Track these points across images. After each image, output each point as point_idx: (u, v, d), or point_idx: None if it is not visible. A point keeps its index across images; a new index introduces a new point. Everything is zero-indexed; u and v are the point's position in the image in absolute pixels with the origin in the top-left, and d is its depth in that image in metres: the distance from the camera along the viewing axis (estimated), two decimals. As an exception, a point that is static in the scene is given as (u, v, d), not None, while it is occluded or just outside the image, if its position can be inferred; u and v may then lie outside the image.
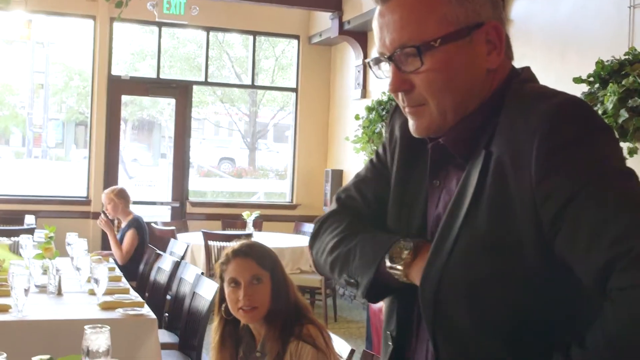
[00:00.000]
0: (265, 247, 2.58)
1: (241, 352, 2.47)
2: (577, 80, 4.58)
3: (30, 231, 6.03)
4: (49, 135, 17.66)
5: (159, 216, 8.44)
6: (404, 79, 1.28)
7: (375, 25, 1.32)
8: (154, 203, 9.04)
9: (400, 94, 1.30)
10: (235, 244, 2.56)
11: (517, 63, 1.36)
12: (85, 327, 2.28)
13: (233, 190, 13.10)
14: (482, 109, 1.28)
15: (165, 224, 7.70)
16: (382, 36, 1.30)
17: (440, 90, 1.27)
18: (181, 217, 8.57)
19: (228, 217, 8.33)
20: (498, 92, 1.29)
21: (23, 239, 5.07)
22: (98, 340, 2.32)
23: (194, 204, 8.82)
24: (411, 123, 1.33)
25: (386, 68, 1.32)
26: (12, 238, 5.79)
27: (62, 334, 3.38)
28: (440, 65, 1.25)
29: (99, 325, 2.34)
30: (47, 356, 2.15)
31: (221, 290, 2.59)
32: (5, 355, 2.14)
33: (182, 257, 5.56)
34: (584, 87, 4.57)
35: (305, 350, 2.31)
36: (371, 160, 1.54)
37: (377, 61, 1.33)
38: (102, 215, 6.19)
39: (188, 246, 6.16)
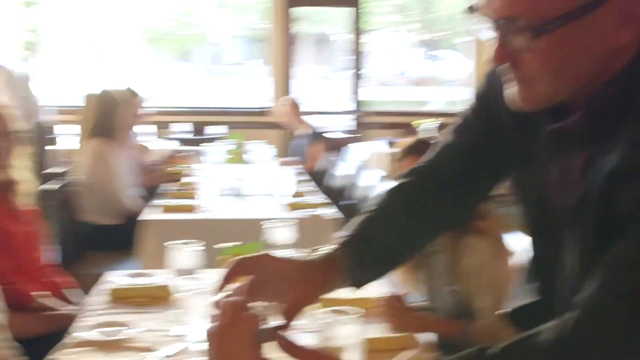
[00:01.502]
0: None
1: None
2: None
3: (219, 139, 6.30)
4: (230, 52, 18.25)
5: (337, 126, 8.54)
6: (510, 52, 1.08)
7: None
8: (332, 113, 9.15)
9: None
10: (408, 141, 2.53)
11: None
12: (269, 220, 2.36)
13: (411, 100, 12.99)
14: (615, 87, 1.08)
15: (342, 132, 7.78)
16: None
17: (554, 73, 1.07)
18: (359, 126, 8.62)
19: (407, 126, 8.26)
20: (633, 66, 1.07)
21: (213, 146, 5.31)
22: (282, 233, 2.39)
23: (371, 114, 8.83)
24: (514, 91, 1.13)
25: (487, 28, 1.11)
26: (201, 146, 6.10)
27: (248, 232, 3.51)
28: (556, 48, 1.04)
29: (284, 218, 2.41)
30: (234, 243, 2.25)
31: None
32: (204, 243, 2.27)
33: (362, 165, 5.61)
34: None
35: (481, 243, 2.26)
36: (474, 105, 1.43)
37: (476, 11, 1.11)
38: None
39: (367, 154, 6.20)
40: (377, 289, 2.33)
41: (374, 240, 1.36)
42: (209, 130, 7.18)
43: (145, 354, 1.95)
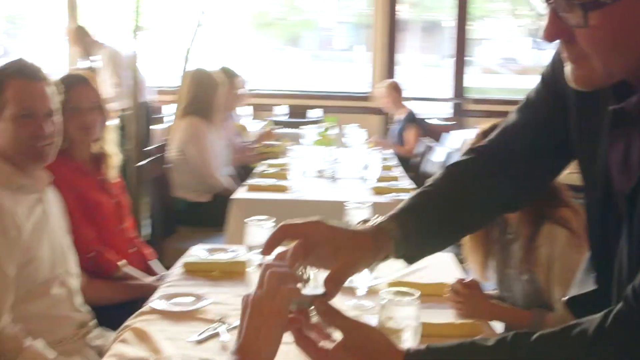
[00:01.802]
0: None
1: (494, 234, 2.40)
2: None
3: (315, 122, 6.35)
4: (338, 37, 18.30)
5: (438, 113, 8.44)
6: (563, 28, 1.03)
7: None
8: (433, 100, 9.05)
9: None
10: (484, 125, 2.47)
11: None
12: (348, 202, 2.36)
13: (516, 88, 12.69)
14: None
15: (442, 119, 7.70)
16: None
17: (607, 51, 1.01)
18: (459, 114, 8.49)
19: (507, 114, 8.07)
20: None
21: (307, 128, 5.37)
22: (360, 215, 2.38)
23: (473, 101, 8.68)
24: (569, 69, 1.08)
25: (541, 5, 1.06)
26: (297, 128, 6.17)
27: (332, 214, 3.52)
28: (607, 25, 0.99)
29: (362, 202, 2.41)
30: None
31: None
32: (274, 219, 2.28)
33: (455, 151, 5.53)
34: None
35: (558, 233, 2.19)
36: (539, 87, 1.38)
37: None
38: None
39: (464, 140, 6.09)
40: (451, 274, 2.30)
41: (423, 215, 1.35)
42: (309, 113, 7.26)
43: (214, 325, 1.99)
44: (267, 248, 1.23)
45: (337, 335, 1.16)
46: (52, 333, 2.19)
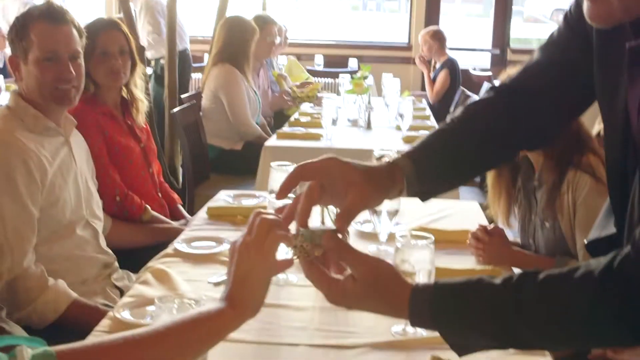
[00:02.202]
0: None
1: (519, 181, 2.36)
2: None
3: (350, 72, 6.30)
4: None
5: (479, 63, 8.30)
6: None
7: None
8: (473, 49, 8.90)
9: None
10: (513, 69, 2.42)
11: None
12: (375, 150, 2.33)
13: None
14: None
15: (482, 70, 7.56)
16: None
17: None
18: (501, 64, 8.33)
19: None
20: None
21: (342, 77, 5.33)
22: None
23: (515, 51, 8.50)
24: (586, 5, 1.06)
25: None
26: (332, 77, 6.14)
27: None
28: None
29: (389, 149, 2.38)
30: None
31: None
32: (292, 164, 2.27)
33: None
34: None
35: (583, 179, 2.14)
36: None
37: None
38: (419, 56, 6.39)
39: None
40: (476, 222, 2.28)
41: (438, 152, 1.33)
42: (345, 62, 7.21)
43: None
44: (282, 192, 1.21)
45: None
46: (76, 273, 2.23)
